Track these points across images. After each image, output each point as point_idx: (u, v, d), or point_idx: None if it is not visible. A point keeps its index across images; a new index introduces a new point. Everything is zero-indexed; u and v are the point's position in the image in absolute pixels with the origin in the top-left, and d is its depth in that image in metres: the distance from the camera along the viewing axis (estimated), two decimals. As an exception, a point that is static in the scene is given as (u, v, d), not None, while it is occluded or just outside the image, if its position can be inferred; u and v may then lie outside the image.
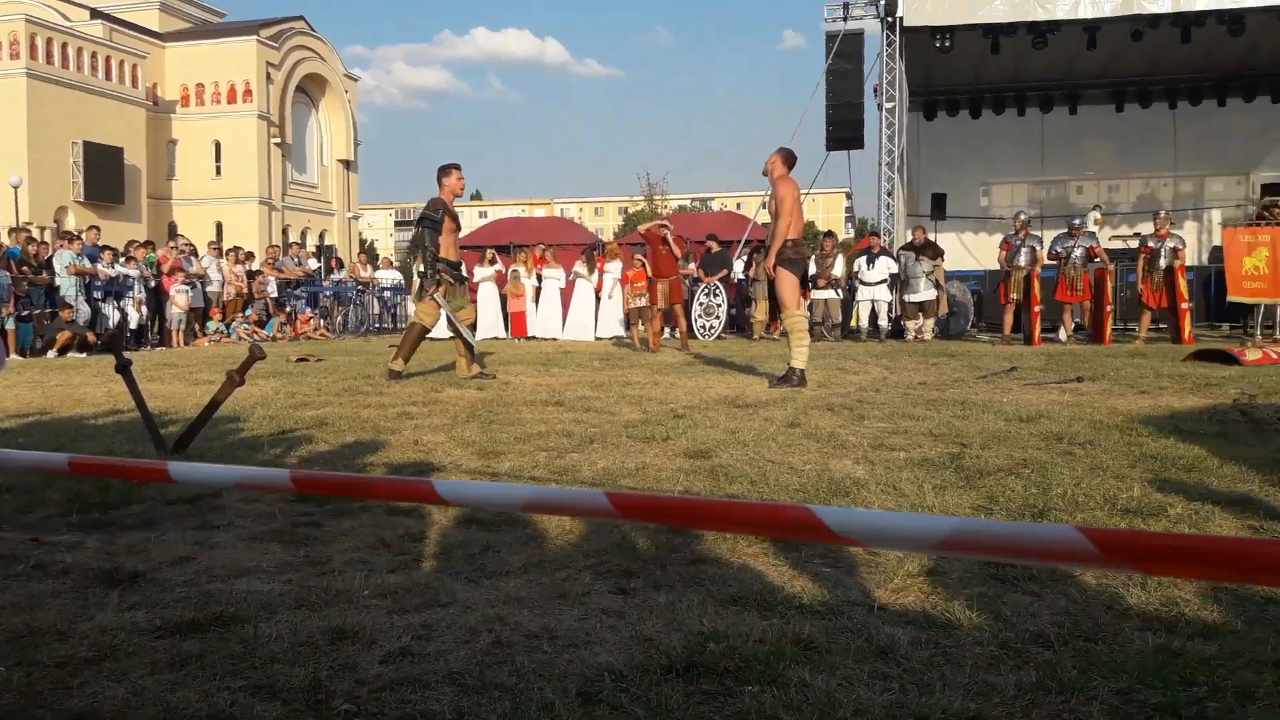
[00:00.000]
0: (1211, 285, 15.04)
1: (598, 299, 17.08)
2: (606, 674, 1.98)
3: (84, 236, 15.70)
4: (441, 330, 9.07)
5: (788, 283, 7.76)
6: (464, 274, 8.83)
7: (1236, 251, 12.53)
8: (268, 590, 2.58)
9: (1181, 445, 4.45)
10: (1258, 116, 19.80)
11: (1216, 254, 15.81)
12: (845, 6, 16.61)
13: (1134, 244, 15.25)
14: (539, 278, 17.44)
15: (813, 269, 14.99)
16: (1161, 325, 13.73)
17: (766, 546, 2.92)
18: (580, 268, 17.03)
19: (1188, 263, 13.52)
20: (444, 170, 8.55)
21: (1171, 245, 12.90)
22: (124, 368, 4.84)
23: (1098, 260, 13.25)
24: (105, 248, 15.76)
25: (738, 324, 17.57)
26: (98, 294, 15.02)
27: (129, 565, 2.82)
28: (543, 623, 2.30)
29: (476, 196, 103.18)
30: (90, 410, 6.68)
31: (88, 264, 14.81)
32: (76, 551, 2.99)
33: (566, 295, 17.25)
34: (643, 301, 13.72)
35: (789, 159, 7.91)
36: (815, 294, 15.26)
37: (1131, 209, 20.54)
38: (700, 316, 16.05)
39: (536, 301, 17.53)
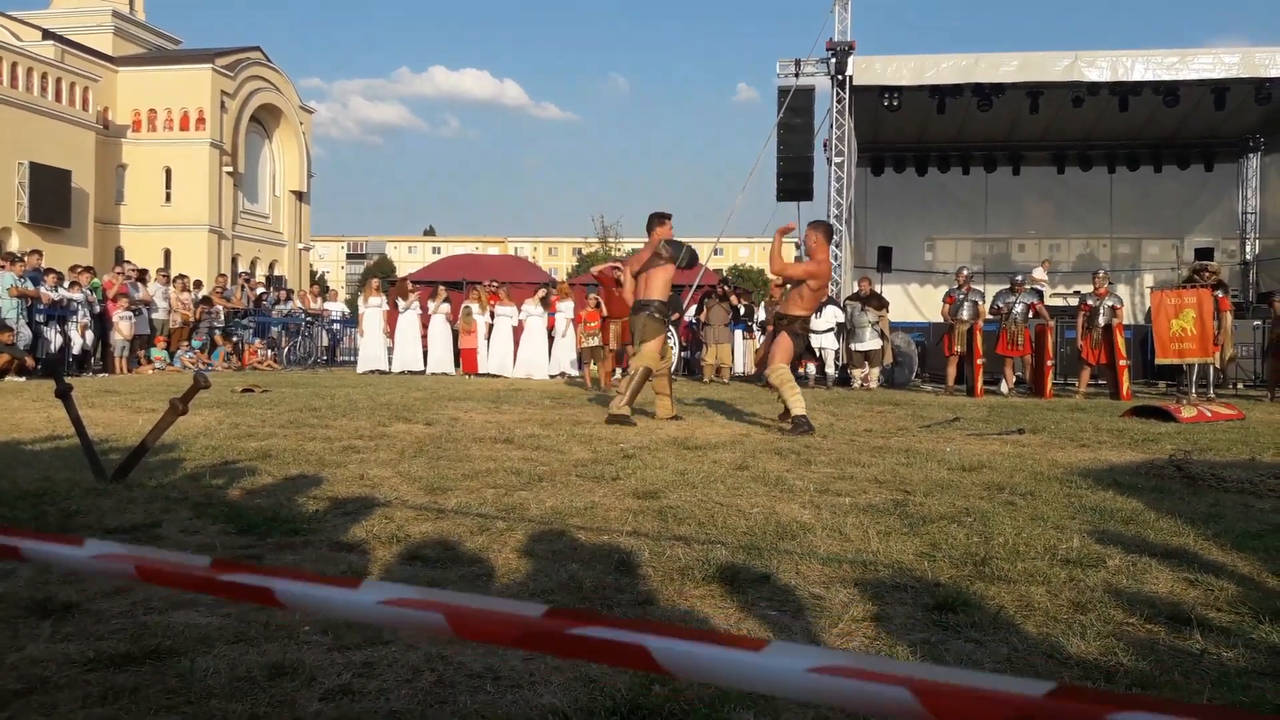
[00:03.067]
0: (1148, 344, 15.41)
1: (551, 337, 17.09)
2: (550, 716, 1.97)
3: (26, 260, 15.37)
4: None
5: (784, 345, 7.91)
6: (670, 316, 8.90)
7: (1164, 315, 12.85)
8: (205, 623, 2.53)
9: (1120, 498, 4.55)
10: (1191, 183, 20.51)
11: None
12: (797, 63, 16.94)
13: (1074, 301, 15.61)
14: (492, 314, 17.40)
15: (762, 315, 15.13)
16: (1100, 381, 14.05)
17: (714, 589, 2.93)
18: (533, 306, 17.01)
19: (1125, 322, 13.87)
20: (659, 219, 8.55)
21: (1110, 304, 13.26)
22: (64, 393, 4.74)
23: (1038, 317, 13.56)
24: (49, 270, 15.44)
25: (689, 367, 17.66)
26: (40, 317, 14.69)
27: (63, 595, 2.75)
28: (486, 663, 2.28)
29: (430, 232, 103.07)
30: (28, 436, 6.52)
31: (30, 286, 14.49)
32: (8, 580, 2.91)
33: (518, 333, 17.22)
34: (596, 341, 13.78)
35: (829, 235, 8.14)
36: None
37: (1071, 268, 21.03)
38: (651, 359, 16.07)
39: (489, 338, 17.46)
